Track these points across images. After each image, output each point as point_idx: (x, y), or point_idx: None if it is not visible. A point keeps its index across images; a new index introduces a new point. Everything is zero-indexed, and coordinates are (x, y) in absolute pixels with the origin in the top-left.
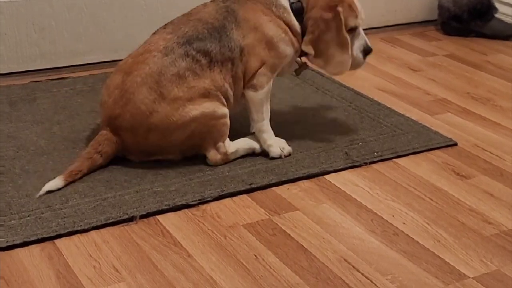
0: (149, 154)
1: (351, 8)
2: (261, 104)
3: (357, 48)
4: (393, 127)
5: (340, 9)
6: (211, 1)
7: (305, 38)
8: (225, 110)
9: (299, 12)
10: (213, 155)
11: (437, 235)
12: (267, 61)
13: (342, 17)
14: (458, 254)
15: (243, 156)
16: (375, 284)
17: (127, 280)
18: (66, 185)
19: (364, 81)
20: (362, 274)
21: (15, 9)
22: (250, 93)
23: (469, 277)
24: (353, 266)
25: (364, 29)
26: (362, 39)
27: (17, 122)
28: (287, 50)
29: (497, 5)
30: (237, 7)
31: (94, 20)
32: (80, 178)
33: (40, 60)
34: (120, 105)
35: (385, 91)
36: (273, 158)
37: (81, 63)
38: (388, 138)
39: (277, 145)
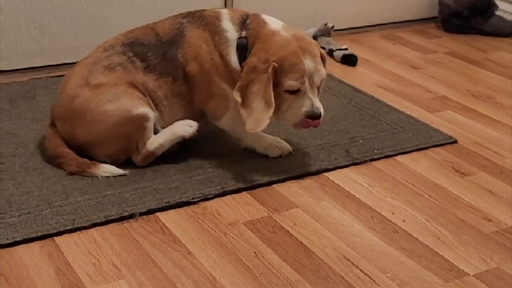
0: (78, 145)
1: (294, 69)
2: (232, 129)
3: (295, 111)
4: (393, 125)
5: (273, 65)
6: (174, 15)
7: (237, 83)
8: (144, 111)
9: (243, 49)
10: (135, 157)
11: (437, 232)
12: (212, 93)
13: (271, 75)
14: (458, 251)
15: (239, 152)
16: (375, 281)
17: (126, 277)
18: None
19: (364, 78)
20: (362, 271)
21: (15, 6)
22: (214, 122)
23: (469, 275)
24: (353, 263)
25: (364, 26)
26: (308, 101)
27: (17, 119)
28: (223, 85)
29: (497, 2)
30: (188, 29)
31: (94, 17)
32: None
33: (40, 57)
34: (59, 94)
35: (385, 88)
36: (275, 158)
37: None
38: (388, 136)
39: (273, 147)
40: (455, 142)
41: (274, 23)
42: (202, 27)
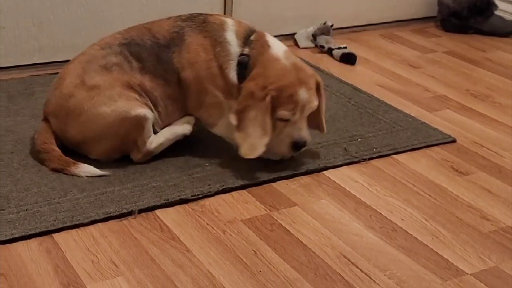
0: (72, 143)
1: (290, 100)
2: (227, 136)
3: (285, 139)
4: (392, 124)
5: (272, 94)
6: (174, 16)
7: (234, 107)
8: (142, 112)
9: (243, 67)
10: (134, 155)
11: (435, 231)
12: (206, 102)
13: (269, 104)
14: (456, 250)
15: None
16: (374, 280)
17: (125, 274)
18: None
19: (363, 77)
20: (361, 269)
21: (14, 3)
22: (209, 129)
23: (467, 274)
24: (352, 262)
25: (363, 25)
26: (296, 131)
27: (15, 116)
28: (217, 93)
29: (497, 2)
30: (188, 34)
31: (93, 15)
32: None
33: (39, 54)
34: (52, 90)
35: (384, 87)
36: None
37: None
38: (387, 135)
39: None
40: (454, 141)
41: (277, 47)
42: (204, 33)
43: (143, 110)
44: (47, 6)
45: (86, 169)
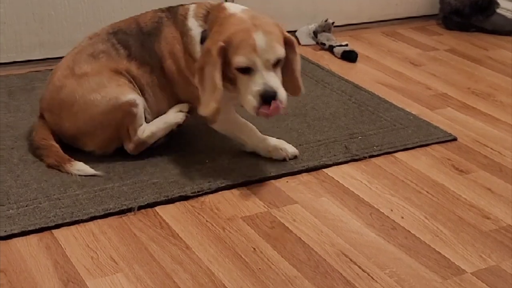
0: (66, 137)
1: (243, 44)
2: (231, 132)
3: (248, 91)
4: (393, 121)
5: (219, 45)
6: (157, 9)
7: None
8: (132, 97)
9: (203, 41)
10: (126, 145)
11: (435, 229)
12: (195, 93)
13: (218, 56)
14: (456, 249)
15: (236, 146)
16: (373, 278)
17: (124, 270)
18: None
19: (364, 75)
20: (360, 267)
21: None
22: (210, 126)
23: (468, 272)
24: (351, 260)
25: (364, 22)
26: (261, 80)
27: (15, 112)
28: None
29: (499, 0)
30: (165, 24)
31: (94, 10)
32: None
33: (40, 50)
34: (46, 84)
35: (385, 85)
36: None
37: None
38: (388, 132)
39: (277, 150)
40: (455, 139)
41: (234, 7)
42: (175, 25)
43: (133, 96)
44: (47, 1)
45: (80, 167)
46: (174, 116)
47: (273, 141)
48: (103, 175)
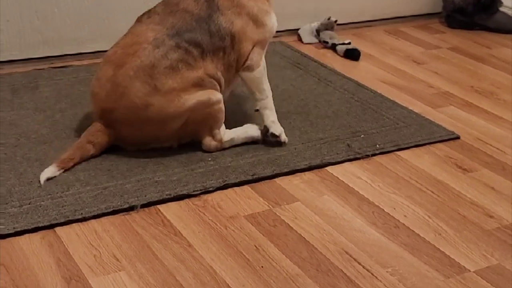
0: (144, 144)
1: None
2: (261, 82)
3: None
4: (396, 120)
5: None
6: None
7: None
8: (220, 96)
9: None
10: (208, 142)
11: (438, 228)
12: (258, 39)
13: None
14: (459, 247)
15: (242, 145)
16: (375, 277)
17: (127, 269)
18: (61, 173)
19: (367, 73)
20: (363, 266)
21: None
22: (247, 75)
23: (470, 271)
24: (354, 258)
25: (367, 21)
26: None
27: (19, 110)
28: (273, 20)
29: None
30: None
31: (97, 8)
32: (72, 166)
33: (43, 48)
34: (114, 99)
35: (388, 83)
36: (273, 135)
37: (84, 51)
38: (391, 131)
39: (278, 125)
40: (458, 138)
41: None
42: None
43: (219, 95)
44: None
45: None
46: (256, 130)
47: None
48: (106, 174)
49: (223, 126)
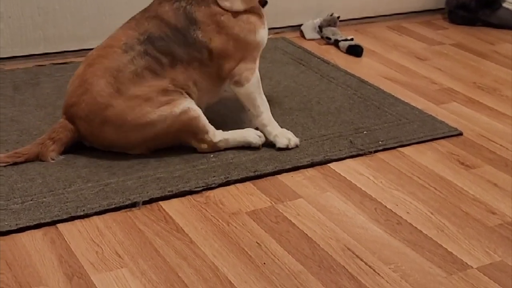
0: (106, 146)
1: None
2: (253, 98)
3: None
4: (398, 116)
5: None
6: (165, 0)
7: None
8: (185, 105)
9: None
10: (197, 145)
11: (440, 224)
12: (243, 56)
13: None
14: (461, 244)
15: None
16: (378, 273)
17: (129, 265)
18: (5, 166)
19: (369, 69)
20: (365, 263)
21: None
22: (237, 90)
23: (473, 267)
24: (356, 255)
25: (370, 17)
26: None
27: (20, 106)
28: (261, 34)
29: None
30: (193, 9)
31: (98, 5)
32: (23, 162)
33: (44, 44)
34: (78, 94)
35: (390, 79)
36: (280, 149)
37: (85, 48)
38: (393, 127)
39: (283, 136)
40: (461, 134)
41: None
42: (203, 3)
43: (186, 103)
44: None
45: None
46: (254, 135)
47: (280, 128)
48: (108, 170)
49: (211, 129)
